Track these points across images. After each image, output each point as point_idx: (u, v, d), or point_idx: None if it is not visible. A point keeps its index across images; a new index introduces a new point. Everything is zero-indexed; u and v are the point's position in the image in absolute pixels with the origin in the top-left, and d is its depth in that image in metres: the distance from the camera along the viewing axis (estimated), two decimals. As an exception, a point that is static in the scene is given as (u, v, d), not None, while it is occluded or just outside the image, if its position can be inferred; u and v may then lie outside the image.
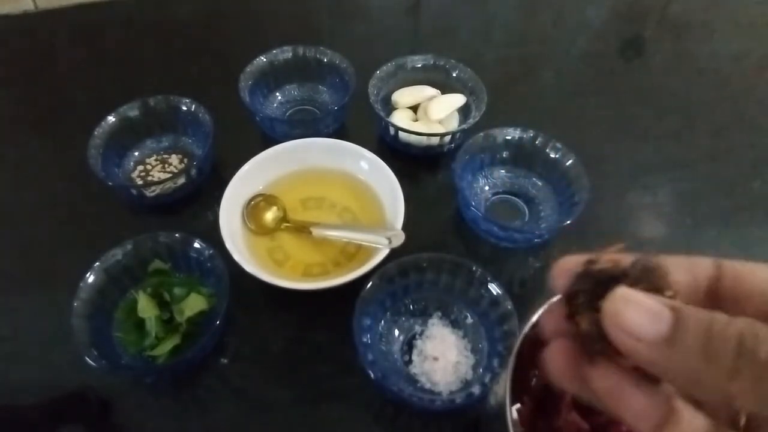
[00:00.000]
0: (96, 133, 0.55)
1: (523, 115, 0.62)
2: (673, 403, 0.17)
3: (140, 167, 0.59)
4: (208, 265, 0.47)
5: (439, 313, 0.48)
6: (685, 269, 0.20)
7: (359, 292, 0.44)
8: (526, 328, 0.34)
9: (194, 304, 0.46)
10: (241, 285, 0.46)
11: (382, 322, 0.47)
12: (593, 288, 0.18)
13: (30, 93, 0.69)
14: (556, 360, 0.20)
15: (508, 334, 0.43)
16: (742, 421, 0.18)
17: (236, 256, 0.46)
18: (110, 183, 0.54)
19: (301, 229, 0.52)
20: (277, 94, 0.66)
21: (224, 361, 0.47)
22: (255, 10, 0.80)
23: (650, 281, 0.18)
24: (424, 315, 0.48)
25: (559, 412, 0.35)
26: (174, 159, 0.60)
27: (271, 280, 0.45)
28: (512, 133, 0.55)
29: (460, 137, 0.59)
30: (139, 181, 0.58)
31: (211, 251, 0.47)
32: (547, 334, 0.21)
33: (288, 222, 0.53)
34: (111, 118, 0.57)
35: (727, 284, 0.19)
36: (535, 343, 0.34)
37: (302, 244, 0.52)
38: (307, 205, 0.55)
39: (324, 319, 0.49)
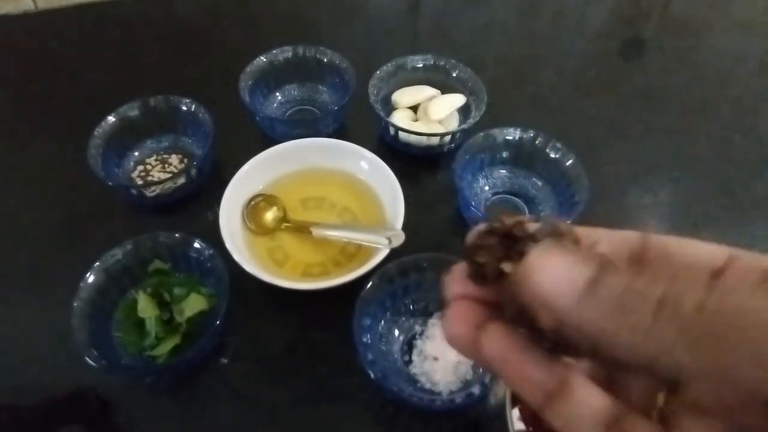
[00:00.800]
0: (96, 133, 0.55)
1: (523, 115, 0.63)
2: (569, 377, 0.16)
3: (140, 167, 0.59)
4: (208, 265, 0.47)
5: (440, 313, 0.48)
6: (607, 242, 0.19)
7: (359, 292, 0.44)
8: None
9: (194, 304, 0.46)
10: (241, 285, 0.46)
11: (382, 322, 0.47)
12: (498, 245, 0.17)
13: (30, 93, 0.69)
14: (454, 325, 0.18)
15: None
16: (660, 401, 0.17)
17: (236, 256, 0.46)
18: (110, 183, 0.54)
19: (301, 229, 0.52)
20: (277, 94, 0.66)
21: (224, 361, 0.47)
22: (255, 10, 0.80)
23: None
24: (424, 315, 0.48)
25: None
26: (174, 159, 0.60)
27: (271, 280, 0.45)
28: (512, 133, 0.55)
29: (460, 137, 0.59)
30: (139, 181, 0.58)
31: (211, 251, 0.47)
32: (448, 297, 0.19)
33: (288, 222, 0.53)
34: (111, 118, 0.57)
35: (652, 257, 0.18)
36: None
37: (302, 244, 0.52)
38: (307, 205, 0.55)
39: (324, 319, 0.49)
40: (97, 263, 0.46)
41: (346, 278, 0.45)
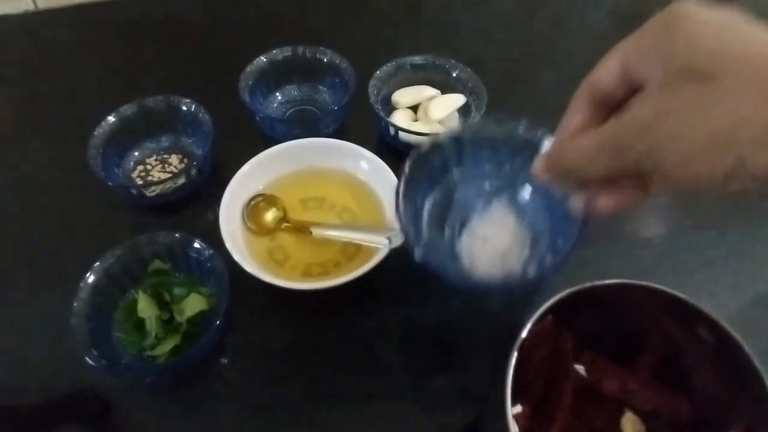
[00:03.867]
0: (96, 133, 0.55)
1: (523, 115, 0.62)
2: None
3: (140, 167, 0.59)
4: (208, 265, 0.47)
5: (509, 196, 0.42)
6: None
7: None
8: (526, 328, 0.34)
9: (194, 304, 0.46)
10: (241, 285, 0.46)
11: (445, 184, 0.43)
12: None
13: (30, 93, 0.69)
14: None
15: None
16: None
17: (236, 256, 0.46)
18: (110, 183, 0.54)
19: (301, 229, 0.52)
20: (277, 94, 0.66)
21: (224, 361, 0.47)
22: (255, 10, 0.80)
23: None
24: (493, 194, 0.43)
25: (555, 417, 0.36)
26: (174, 159, 0.60)
27: (271, 280, 0.45)
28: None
29: (460, 137, 0.59)
30: (139, 181, 0.58)
31: (211, 251, 0.47)
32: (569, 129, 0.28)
33: (288, 222, 0.53)
34: (111, 118, 0.57)
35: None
36: (535, 342, 0.34)
37: (302, 244, 0.52)
38: (307, 205, 0.55)
39: (324, 319, 0.49)
40: (97, 263, 0.46)
41: (346, 278, 0.45)
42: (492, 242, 0.40)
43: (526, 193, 0.42)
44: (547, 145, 0.37)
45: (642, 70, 0.24)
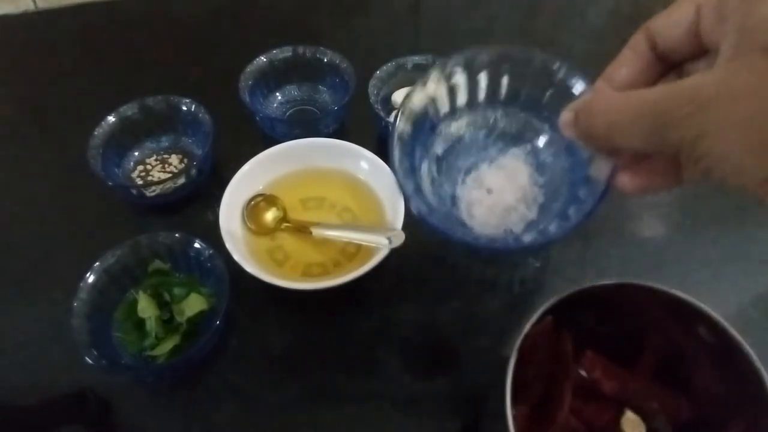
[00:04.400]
0: (96, 133, 0.55)
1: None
2: None
3: (140, 167, 0.59)
4: (208, 265, 0.47)
5: (527, 146, 0.37)
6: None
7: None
8: (526, 328, 0.34)
9: (194, 304, 0.46)
10: (241, 285, 0.46)
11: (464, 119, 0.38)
12: None
13: (30, 93, 0.69)
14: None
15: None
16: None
17: (236, 256, 0.46)
18: (110, 183, 0.54)
19: (301, 229, 0.52)
20: (277, 94, 0.66)
21: (224, 361, 0.47)
22: (255, 10, 0.80)
23: None
24: (508, 142, 0.38)
25: (555, 417, 0.36)
26: (174, 159, 0.60)
27: (271, 280, 0.45)
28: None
29: (460, 137, 0.59)
30: (139, 181, 0.58)
31: (211, 251, 0.47)
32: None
33: (288, 222, 0.53)
34: (111, 118, 0.57)
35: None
36: (535, 342, 0.34)
37: (302, 244, 0.52)
38: (307, 205, 0.55)
39: (324, 319, 0.49)
40: (97, 263, 0.46)
41: (346, 278, 0.45)
42: (497, 195, 0.36)
43: (547, 145, 0.37)
44: (582, 92, 0.32)
45: (716, 32, 0.20)
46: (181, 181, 0.55)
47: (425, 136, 0.38)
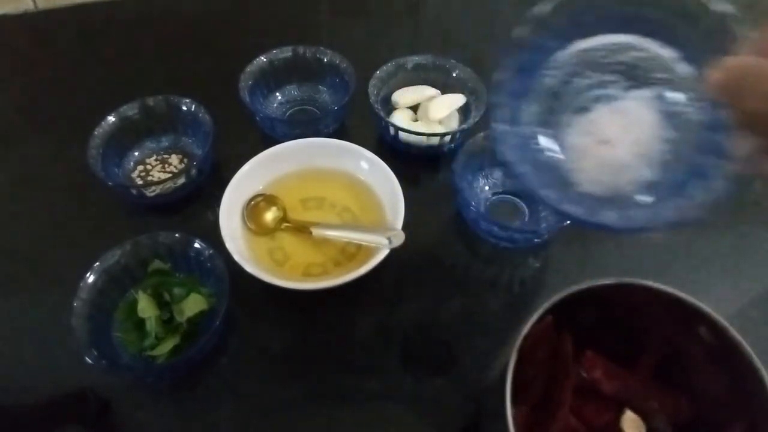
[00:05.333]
0: (96, 133, 0.55)
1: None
2: None
3: (140, 167, 0.59)
4: (208, 265, 0.47)
5: (659, 89, 0.29)
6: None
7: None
8: (526, 328, 0.34)
9: (194, 304, 0.46)
10: (241, 285, 0.46)
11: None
12: None
13: (30, 93, 0.69)
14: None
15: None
16: None
17: (236, 256, 0.46)
18: (110, 183, 0.54)
19: (301, 229, 0.52)
20: (277, 94, 0.66)
21: (224, 361, 0.47)
22: (255, 9, 0.80)
23: None
24: (639, 81, 0.30)
25: (555, 417, 0.36)
26: (174, 159, 0.60)
27: (271, 280, 0.45)
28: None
29: (460, 137, 0.59)
30: (139, 181, 0.58)
31: (211, 251, 0.47)
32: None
33: (288, 222, 0.53)
34: (111, 118, 0.57)
35: None
36: (535, 342, 0.34)
37: (302, 244, 0.52)
38: (307, 205, 0.55)
39: (324, 319, 0.49)
40: (97, 263, 0.46)
41: (346, 278, 0.45)
42: (612, 147, 0.29)
43: (684, 95, 0.29)
44: (742, 41, 0.26)
45: None
46: (181, 181, 0.55)
47: (545, 52, 0.32)
